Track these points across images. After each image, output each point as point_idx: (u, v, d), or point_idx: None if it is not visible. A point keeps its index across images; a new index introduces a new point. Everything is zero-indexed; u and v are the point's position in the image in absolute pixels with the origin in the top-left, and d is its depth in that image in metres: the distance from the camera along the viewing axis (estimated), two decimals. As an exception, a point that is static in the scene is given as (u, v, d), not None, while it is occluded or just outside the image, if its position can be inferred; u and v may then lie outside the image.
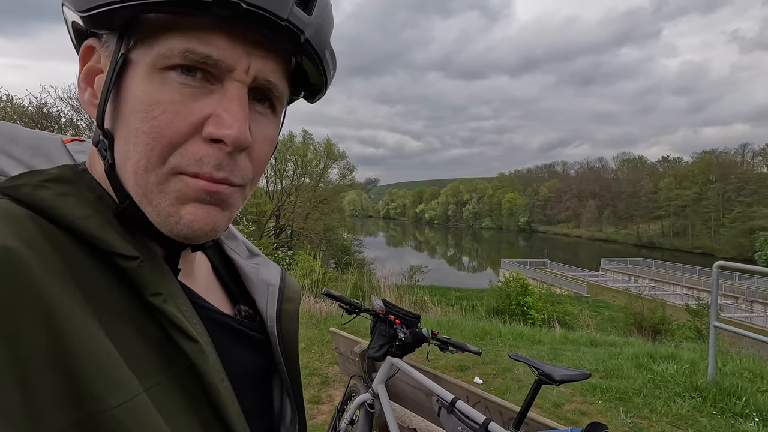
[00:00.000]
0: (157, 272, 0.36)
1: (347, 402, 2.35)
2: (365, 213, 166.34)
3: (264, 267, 0.56)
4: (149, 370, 0.33)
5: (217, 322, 0.44)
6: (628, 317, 11.64)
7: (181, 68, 0.35)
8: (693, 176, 70.51)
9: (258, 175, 0.41)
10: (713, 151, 77.19)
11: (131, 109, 0.35)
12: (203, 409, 0.37)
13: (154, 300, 0.35)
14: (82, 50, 0.40)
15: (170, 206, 0.36)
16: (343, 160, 35.57)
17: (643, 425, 3.16)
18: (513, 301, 11.23)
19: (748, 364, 4.22)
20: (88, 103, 0.40)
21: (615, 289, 27.32)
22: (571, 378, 1.44)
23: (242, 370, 0.45)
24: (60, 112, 17.15)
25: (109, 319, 0.32)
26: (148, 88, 0.35)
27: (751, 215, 57.16)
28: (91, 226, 0.34)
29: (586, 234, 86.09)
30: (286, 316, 0.52)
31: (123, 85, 0.36)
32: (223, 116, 0.35)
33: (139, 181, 0.36)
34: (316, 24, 0.38)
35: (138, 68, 0.36)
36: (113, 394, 0.29)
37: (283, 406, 0.52)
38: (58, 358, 0.28)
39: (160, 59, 0.35)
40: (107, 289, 0.34)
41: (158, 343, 0.35)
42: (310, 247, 23.10)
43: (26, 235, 0.30)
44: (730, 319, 18.94)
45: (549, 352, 5.08)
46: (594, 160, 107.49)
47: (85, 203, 0.36)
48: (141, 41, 0.36)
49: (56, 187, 0.35)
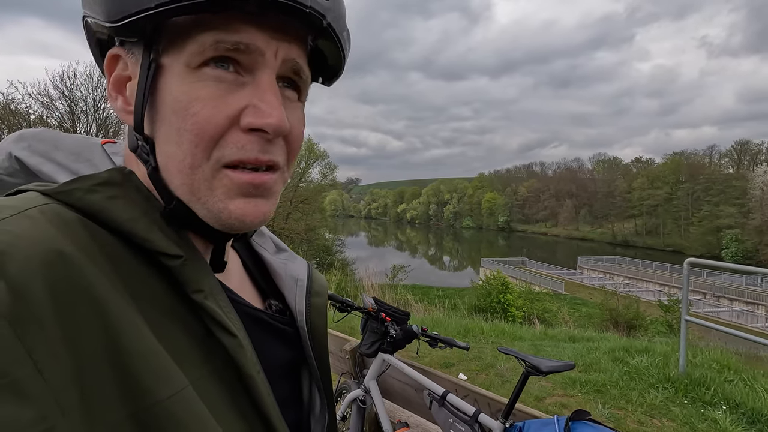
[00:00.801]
0: (198, 270, 0.38)
1: (338, 399, 2.39)
2: (347, 213, 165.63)
3: (291, 262, 0.57)
4: (192, 364, 0.35)
5: (252, 316, 0.46)
6: (604, 313, 12.04)
7: (214, 62, 0.36)
8: (664, 177, 72.87)
9: (293, 158, 0.43)
10: (683, 152, 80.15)
11: (171, 110, 0.37)
12: (241, 400, 0.39)
13: (196, 296, 0.37)
14: (107, 60, 0.41)
15: (219, 202, 0.38)
16: (324, 159, 35.41)
17: (620, 415, 3.30)
18: (494, 299, 11.44)
19: (716, 355, 4.44)
20: (121, 110, 0.41)
21: (591, 286, 28.01)
22: (557, 369, 1.52)
23: (276, 362, 0.47)
24: (29, 109, 16.55)
25: (154, 316, 0.34)
26: (185, 87, 0.36)
27: (718, 214, 59.51)
28: (138, 228, 0.36)
29: (564, 233, 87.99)
30: (314, 310, 0.53)
31: (158, 89, 0.38)
32: (260, 106, 0.37)
33: (185, 180, 0.38)
34: (335, 8, 0.39)
35: (172, 71, 0.37)
36: (163, 387, 0.31)
37: (312, 398, 0.53)
38: (113, 355, 0.30)
39: (194, 57, 0.36)
40: (153, 288, 0.36)
41: (200, 338, 0.37)
42: (291, 247, 22.88)
43: (78, 238, 0.32)
44: (699, 313, 19.72)
45: (530, 348, 5.22)
46: (571, 161, 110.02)
47: (133, 205, 0.37)
48: (171, 44, 0.37)
49: (106, 190, 0.37)
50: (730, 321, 20.04)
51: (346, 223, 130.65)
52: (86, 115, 17.84)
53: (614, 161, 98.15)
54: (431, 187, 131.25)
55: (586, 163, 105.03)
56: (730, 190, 61.60)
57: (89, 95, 17.50)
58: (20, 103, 14.79)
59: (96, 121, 17.74)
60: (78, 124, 17.42)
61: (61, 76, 16.75)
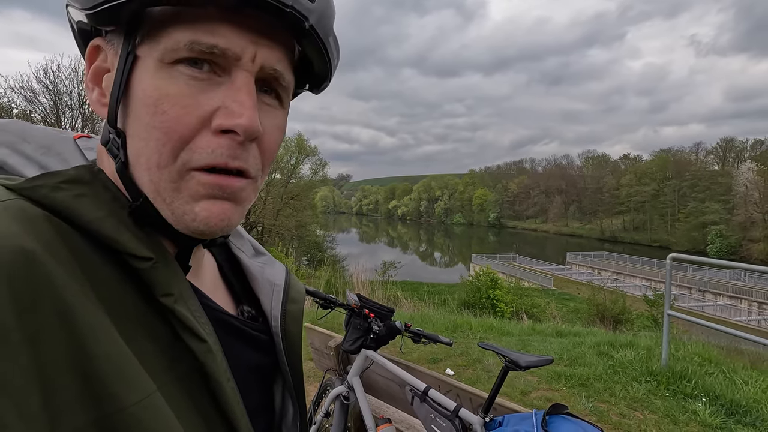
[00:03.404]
0: (168, 272, 0.37)
1: (322, 395, 2.39)
2: (338, 209, 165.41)
3: (269, 266, 0.56)
4: (160, 369, 0.34)
5: (223, 322, 0.44)
6: (592, 308, 12.18)
7: (188, 61, 0.35)
8: (651, 173, 73.92)
9: (267, 166, 0.41)
10: (670, 149, 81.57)
11: (141, 104, 0.36)
12: (208, 407, 0.38)
13: (165, 300, 0.36)
14: (88, 50, 0.40)
15: (184, 204, 0.37)
16: (315, 155, 35.32)
17: (603, 408, 3.35)
18: (483, 295, 11.51)
19: (698, 349, 4.53)
20: (96, 102, 0.40)
21: (580, 282, 28.35)
22: (536, 364, 1.53)
23: (247, 370, 0.46)
24: (12, 103, 16.21)
25: (121, 318, 0.33)
26: (156, 83, 0.35)
27: (704, 210, 60.59)
28: (106, 227, 0.35)
29: (553, 229, 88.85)
30: (290, 317, 0.52)
31: (132, 81, 0.37)
32: (232, 106, 0.36)
33: (152, 177, 0.37)
34: (319, 10, 0.38)
35: (146, 64, 0.36)
36: (130, 392, 0.30)
37: (285, 406, 0.52)
38: (78, 359, 0.28)
39: (167, 53, 0.35)
40: (120, 290, 0.34)
41: (167, 343, 0.36)
42: (281, 244, 22.82)
43: (43, 236, 0.30)
44: (684, 308, 20.08)
45: (517, 342, 5.28)
46: (560, 158, 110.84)
47: (101, 204, 0.36)
48: (147, 36, 0.36)
49: (73, 188, 0.35)
50: (714, 315, 20.46)
51: (337, 219, 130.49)
52: (71, 110, 17.51)
53: (603, 158, 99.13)
54: (422, 184, 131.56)
55: (575, 159, 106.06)
56: (716, 187, 62.76)
57: (74, 89, 17.18)
58: (2, 98, 14.49)
59: (81, 116, 17.43)
60: (63, 119, 17.10)
61: (45, 70, 16.43)
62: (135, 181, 0.38)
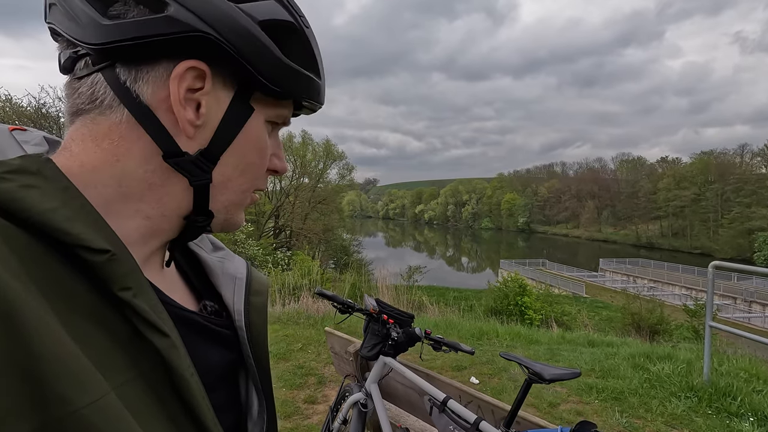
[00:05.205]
0: (126, 266, 0.35)
1: (341, 401, 2.35)
2: (364, 213, 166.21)
3: (229, 260, 0.56)
4: (116, 369, 0.32)
5: (184, 318, 0.43)
6: (626, 317, 11.67)
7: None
8: (692, 177, 70.53)
9: None
10: (712, 151, 77.24)
11: (252, 147, 0.45)
12: (172, 405, 0.36)
13: (123, 294, 0.34)
14: (179, 68, 0.39)
15: (237, 214, 0.48)
16: (342, 160, 35.65)
17: (639, 425, 3.16)
18: (511, 302, 11.25)
19: (744, 364, 4.22)
20: (186, 121, 0.40)
21: (613, 289, 27.36)
22: (561, 377, 1.44)
23: (211, 366, 0.45)
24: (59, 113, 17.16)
25: (72, 317, 0.31)
26: (263, 134, 0.46)
27: (750, 216, 57.21)
28: (56, 220, 0.33)
29: (585, 234, 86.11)
30: (254, 309, 0.52)
31: None
32: (280, 155, 0.50)
33: (232, 198, 0.46)
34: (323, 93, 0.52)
35: (259, 117, 0.45)
36: (81, 394, 0.28)
37: (250, 400, 0.52)
38: (19, 361, 0.27)
39: (277, 118, 0.47)
40: (70, 286, 0.33)
41: (125, 340, 0.34)
42: (308, 247, 23.09)
43: None
44: (728, 319, 18.95)
45: (546, 352, 5.08)
46: (593, 161, 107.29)
47: (50, 196, 0.34)
48: (263, 101, 0.45)
49: (19, 178, 0.33)
50: (762, 327, 19.22)
51: (364, 223, 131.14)
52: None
53: (638, 161, 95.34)
54: (449, 188, 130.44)
55: (608, 163, 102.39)
56: (763, 191, 59.15)
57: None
58: (51, 107, 15.34)
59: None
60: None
61: (89, 80, 17.28)
62: (209, 198, 0.44)
